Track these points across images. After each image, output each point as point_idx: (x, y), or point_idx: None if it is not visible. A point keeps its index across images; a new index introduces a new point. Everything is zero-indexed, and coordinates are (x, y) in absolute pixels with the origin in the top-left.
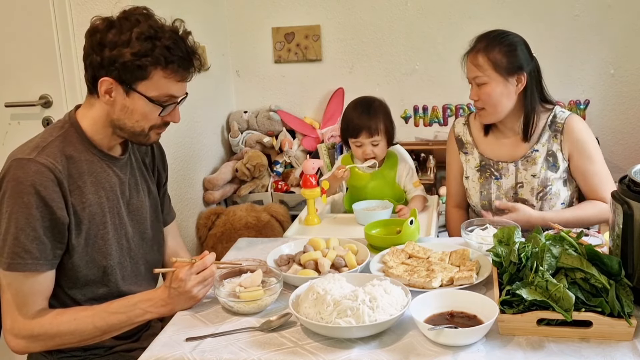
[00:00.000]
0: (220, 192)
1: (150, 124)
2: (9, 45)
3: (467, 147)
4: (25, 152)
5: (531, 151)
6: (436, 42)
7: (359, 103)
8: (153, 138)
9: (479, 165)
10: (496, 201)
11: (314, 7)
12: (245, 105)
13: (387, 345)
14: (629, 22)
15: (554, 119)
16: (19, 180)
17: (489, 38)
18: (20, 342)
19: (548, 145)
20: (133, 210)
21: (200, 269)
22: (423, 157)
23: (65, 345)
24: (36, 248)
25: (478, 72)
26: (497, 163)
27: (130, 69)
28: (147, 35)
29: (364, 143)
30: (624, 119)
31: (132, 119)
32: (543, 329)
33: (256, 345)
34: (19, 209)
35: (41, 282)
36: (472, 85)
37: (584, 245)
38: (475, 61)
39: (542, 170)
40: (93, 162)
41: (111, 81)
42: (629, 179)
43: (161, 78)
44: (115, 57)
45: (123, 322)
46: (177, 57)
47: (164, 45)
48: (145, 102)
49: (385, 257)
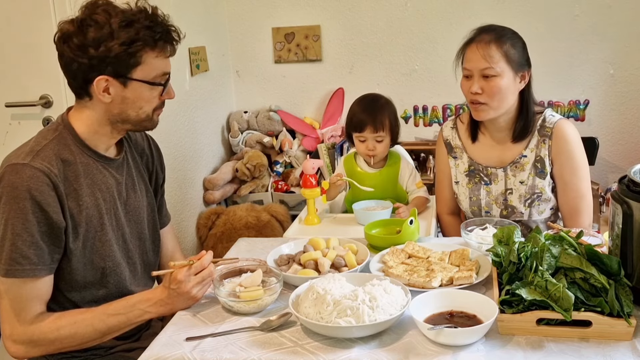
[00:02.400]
0: (221, 192)
1: (153, 107)
2: (9, 45)
3: (456, 152)
4: (19, 157)
5: (519, 157)
6: (436, 42)
7: (366, 98)
8: (156, 120)
9: (468, 170)
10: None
11: (314, 7)
12: (245, 105)
13: (387, 345)
14: (629, 22)
15: (543, 123)
16: (14, 185)
17: (496, 30)
18: (19, 347)
19: (536, 151)
20: (130, 211)
21: (198, 270)
22: (423, 157)
23: (66, 349)
24: (34, 253)
25: (488, 64)
26: (486, 168)
27: (123, 60)
28: (126, 22)
29: (368, 138)
30: (623, 119)
31: (136, 108)
32: (542, 328)
33: (256, 345)
34: (15, 215)
35: (40, 287)
36: (472, 78)
37: (583, 245)
38: (485, 52)
39: (530, 176)
40: (88, 164)
41: (106, 78)
42: (629, 179)
43: (153, 59)
44: (104, 53)
45: (122, 323)
46: (160, 33)
47: (145, 26)
48: (146, 87)
49: (385, 257)
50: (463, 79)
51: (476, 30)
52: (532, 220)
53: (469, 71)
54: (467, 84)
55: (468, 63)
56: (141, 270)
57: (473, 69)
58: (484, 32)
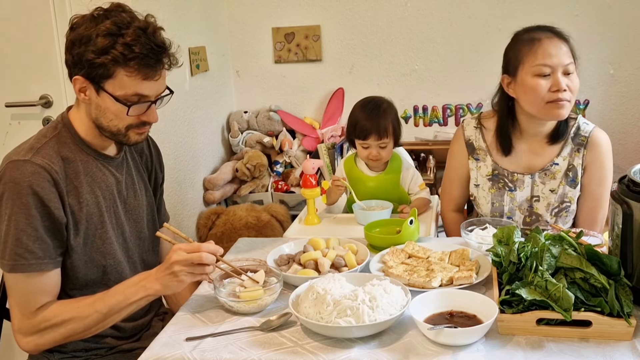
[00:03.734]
0: (221, 192)
1: (125, 124)
2: (9, 45)
3: (479, 154)
4: (20, 154)
5: (551, 164)
6: (436, 42)
7: (368, 104)
8: (133, 138)
9: (491, 174)
10: None
11: (314, 7)
12: (245, 105)
13: (386, 344)
14: (629, 22)
15: (577, 131)
16: (16, 181)
17: (554, 28)
18: (29, 340)
19: (569, 159)
20: (130, 209)
21: (192, 250)
22: (423, 157)
23: (72, 337)
24: (39, 248)
25: (571, 59)
26: (512, 174)
27: (94, 67)
28: (109, 32)
29: (372, 145)
30: (623, 119)
31: (107, 119)
32: (542, 328)
33: (256, 345)
34: (18, 210)
35: (46, 281)
36: (552, 75)
37: (583, 245)
38: (562, 47)
39: (560, 185)
40: (88, 162)
41: (82, 79)
42: (629, 179)
43: (124, 77)
44: (81, 54)
45: (121, 301)
46: (138, 55)
47: (125, 42)
48: (112, 101)
49: (385, 256)
50: (535, 78)
51: (536, 29)
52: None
53: (551, 68)
54: (546, 82)
55: (549, 59)
56: (141, 270)
57: (556, 65)
58: (548, 30)
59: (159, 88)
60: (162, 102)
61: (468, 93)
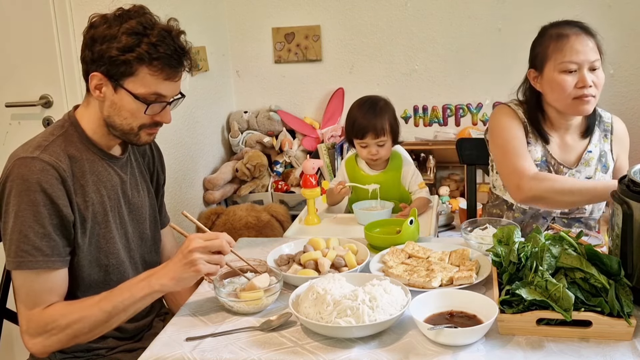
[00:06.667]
0: (221, 192)
1: (139, 123)
2: (9, 45)
3: (531, 137)
4: (28, 151)
5: (586, 152)
6: (436, 42)
7: (365, 103)
8: (144, 138)
9: (540, 160)
10: None
11: (314, 7)
12: (245, 105)
13: (386, 345)
14: (629, 22)
15: (600, 119)
16: (24, 178)
17: (581, 24)
18: (36, 341)
19: (600, 146)
20: (133, 210)
21: (209, 238)
22: (423, 157)
23: (79, 338)
24: (47, 245)
25: (597, 55)
26: (559, 165)
27: (116, 64)
28: (134, 31)
29: (370, 144)
30: (624, 119)
31: (121, 117)
32: (542, 328)
33: (256, 345)
34: (25, 207)
35: (54, 280)
36: (579, 71)
37: (583, 245)
38: (589, 44)
39: (596, 172)
40: (94, 162)
41: (100, 76)
42: (629, 179)
43: (147, 75)
44: (103, 51)
45: (127, 299)
46: (163, 55)
47: (150, 42)
48: (131, 99)
49: (385, 257)
50: (561, 75)
51: (564, 24)
52: (592, 218)
53: (577, 64)
54: (572, 79)
55: (576, 56)
56: (142, 270)
57: (583, 62)
58: (576, 25)
59: (176, 90)
60: (174, 105)
61: (468, 93)
